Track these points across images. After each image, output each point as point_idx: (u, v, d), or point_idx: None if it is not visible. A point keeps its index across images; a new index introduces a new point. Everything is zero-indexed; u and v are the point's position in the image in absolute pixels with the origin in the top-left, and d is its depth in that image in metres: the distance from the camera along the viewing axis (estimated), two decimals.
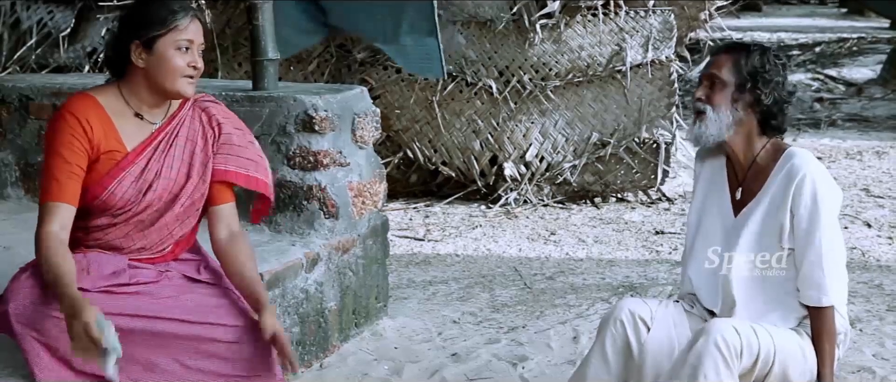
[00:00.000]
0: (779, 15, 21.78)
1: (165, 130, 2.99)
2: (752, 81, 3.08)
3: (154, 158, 2.96)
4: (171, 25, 2.89)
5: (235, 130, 3.09)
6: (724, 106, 3.09)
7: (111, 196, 2.92)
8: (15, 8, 7.77)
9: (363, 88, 4.44)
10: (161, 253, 3.03)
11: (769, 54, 3.12)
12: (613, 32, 6.97)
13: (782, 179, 3.04)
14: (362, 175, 4.31)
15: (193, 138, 3.02)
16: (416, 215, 6.90)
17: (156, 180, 2.96)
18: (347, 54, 7.21)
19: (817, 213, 3.00)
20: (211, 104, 3.09)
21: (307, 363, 4.04)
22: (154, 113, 3.00)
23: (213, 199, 3.04)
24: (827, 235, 3.02)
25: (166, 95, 2.97)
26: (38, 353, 2.81)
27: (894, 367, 3.94)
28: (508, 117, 6.95)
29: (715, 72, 3.12)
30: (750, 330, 2.95)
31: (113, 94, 2.97)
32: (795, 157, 3.07)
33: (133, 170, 2.93)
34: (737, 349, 2.90)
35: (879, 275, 5.15)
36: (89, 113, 2.90)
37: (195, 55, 2.93)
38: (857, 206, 6.81)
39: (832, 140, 9.24)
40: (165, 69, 2.90)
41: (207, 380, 2.90)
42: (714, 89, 3.11)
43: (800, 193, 3.01)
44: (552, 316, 4.64)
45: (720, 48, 3.22)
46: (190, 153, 3.01)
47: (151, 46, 2.90)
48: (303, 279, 3.98)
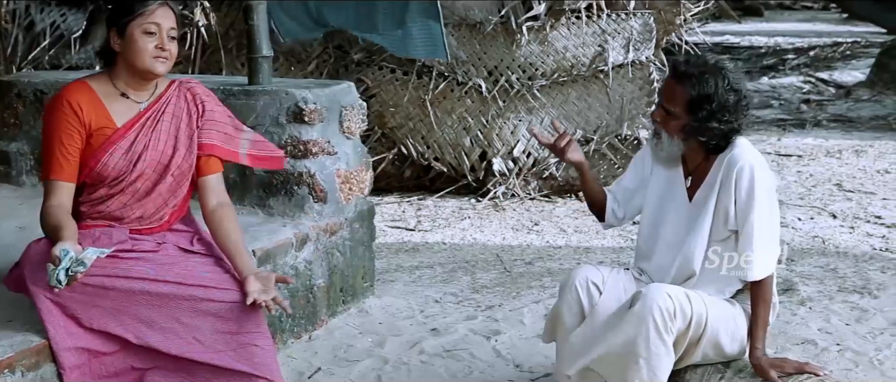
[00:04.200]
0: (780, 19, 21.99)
1: (152, 108, 3.36)
2: (702, 112, 3.28)
3: (142, 132, 3.32)
4: (139, 11, 3.24)
5: (217, 107, 3.46)
6: (675, 135, 3.37)
7: (104, 167, 3.28)
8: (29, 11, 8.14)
9: (351, 83, 4.80)
10: (159, 222, 3.39)
11: (720, 79, 3.28)
12: (596, 34, 7.29)
13: (725, 167, 3.35)
14: (349, 163, 4.66)
15: (179, 115, 3.39)
16: (409, 208, 7.24)
17: (144, 151, 3.32)
18: (345, 55, 7.54)
19: (753, 197, 3.31)
20: (195, 85, 3.46)
21: (297, 334, 4.40)
22: (139, 94, 3.36)
23: (200, 170, 3.41)
24: (759, 217, 3.31)
25: (141, 74, 3.32)
26: (50, 310, 3.18)
27: (835, 340, 4.27)
28: (497, 115, 7.26)
29: (667, 106, 3.35)
30: (683, 296, 3.28)
31: (103, 79, 3.35)
32: (736, 147, 3.37)
33: (122, 144, 3.30)
34: (671, 311, 3.23)
35: (835, 260, 5.48)
36: (80, 97, 3.27)
37: (163, 38, 3.27)
38: (826, 199, 7.14)
39: (815, 140, 9.53)
40: (135, 50, 3.26)
41: (202, 335, 3.24)
42: (669, 117, 3.36)
43: (740, 179, 3.31)
44: (527, 296, 4.98)
45: (675, 72, 3.37)
46: (176, 128, 3.37)
47: (123, 31, 3.27)
48: (292, 257, 4.34)
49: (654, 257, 3.56)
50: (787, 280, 4.99)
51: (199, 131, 3.40)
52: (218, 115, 3.46)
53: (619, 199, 3.67)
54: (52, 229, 3.12)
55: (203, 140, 3.40)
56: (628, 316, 3.28)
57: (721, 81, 3.29)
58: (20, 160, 5.06)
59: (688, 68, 3.33)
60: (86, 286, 3.14)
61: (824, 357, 4.08)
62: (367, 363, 4.21)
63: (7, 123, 5.10)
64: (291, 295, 4.32)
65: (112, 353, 3.24)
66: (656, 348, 3.23)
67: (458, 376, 4.10)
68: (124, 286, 3.18)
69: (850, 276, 5.12)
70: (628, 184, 3.67)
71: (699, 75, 3.29)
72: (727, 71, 3.31)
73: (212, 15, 7.55)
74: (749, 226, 3.32)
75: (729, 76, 3.30)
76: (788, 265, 5.31)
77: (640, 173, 3.64)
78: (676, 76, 3.35)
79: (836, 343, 4.23)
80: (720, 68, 3.31)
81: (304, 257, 4.41)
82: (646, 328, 3.23)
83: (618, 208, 3.67)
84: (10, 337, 3.19)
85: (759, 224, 3.33)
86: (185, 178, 3.40)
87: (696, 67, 3.31)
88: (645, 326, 3.23)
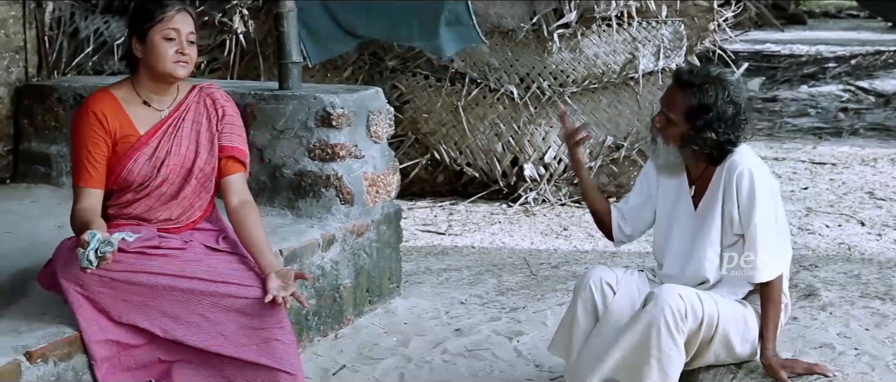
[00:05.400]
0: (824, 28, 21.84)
1: (173, 115, 3.50)
2: (700, 121, 3.36)
3: (164, 139, 3.46)
4: (159, 17, 3.38)
5: (235, 113, 3.59)
6: (672, 143, 3.46)
7: (129, 173, 3.43)
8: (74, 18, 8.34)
9: (378, 89, 4.91)
10: (186, 222, 3.53)
11: (721, 90, 3.35)
12: (627, 42, 7.37)
13: (726, 173, 3.43)
14: (376, 167, 4.78)
15: (199, 120, 3.52)
16: (441, 213, 7.35)
17: (168, 157, 3.45)
18: (380, 62, 7.66)
19: (754, 201, 3.37)
20: (215, 90, 3.60)
21: (323, 333, 4.52)
22: (161, 100, 3.50)
23: (222, 171, 3.54)
24: (762, 219, 3.37)
25: (162, 78, 3.45)
26: (81, 304, 3.32)
27: (853, 344, 4.29)
28: (528, 121, 7.35)
29: (668, 112, 3.43)
30: (694, 296, 3.36)
31: (126, 87, 3.49)
32: (735, 154, 3.44)
33: (146, 150, 3.44)
34: (682, 312, 3.31)
35: (859, 267, 5.50)
36: (104, 106, 3.42)
37: (183, 42, 3.41)
38: (856, 206, 7.13)
39: (851, 148, 9.49)
40: (156, 55, 3.39)
41: (227, 330, 3.37)
42: (668, 124, 3.44)
43: (740, 185, 3.39)
44: (551, 299, 5.07)
45: (678, 80, 3.45)
46: (196, 133, 3.51)
47: (144, 38, 3.40)
48: (319, 256, 4.46)
49: (665, 266, 3.64)
50: (809, 286, 5.03)
51: (219, 135, 3.53)
52: (237, 119, 3.59)
53: (626, 216, 3.74)
54: (81, 227, 3.26)
55: (224, 142, 3.53)
56: (641, 315, 3.36)
57: (721, 92, 3.36)
58: (60, 162, 5.23)
59: (690, 77, 3.40)
60: (114, 281, 3.29)
61: (841, 361, 4.10)
62: (391, 361, 4.32)
63: (48, 126, 5.28)
64: (318, 294, 4.44)
65: (140, 346, 3.38)
66: (668, 348, 3.30)
67: (478, 375, 4.20)
68: (151, 282, 3.32)
69: (873, 282, 5.14)
70: (635, 200, 3.74)
71: (700, 85, 3.37)
72: (729, 83, 3.38)
73: (250, 22, 7.71)
74: (752, 229, 3.38)
75: (730, 89, 3.38)
76: (812, 271, 5.34)
77: (646, 188, 3.71)
78: (679, 84, 3.42)
79: (853, 348, 4.26)
80: (722, 80, 3.38)
81: (330, 257, 4.53)
82: (657, 329, 3.31)
83: (624, 224, 3.74)
84: (44, 329, 3.34)
85: (763, 226, 3.38)
86: (209, 180, 3.54)
87: (699, 77, 3.39)
88: (656, 326, 3.31)
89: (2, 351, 3.19)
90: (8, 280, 3.77)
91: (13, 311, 3.52)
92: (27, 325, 3.38)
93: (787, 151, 9.34)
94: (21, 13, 5.40)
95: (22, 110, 5.38)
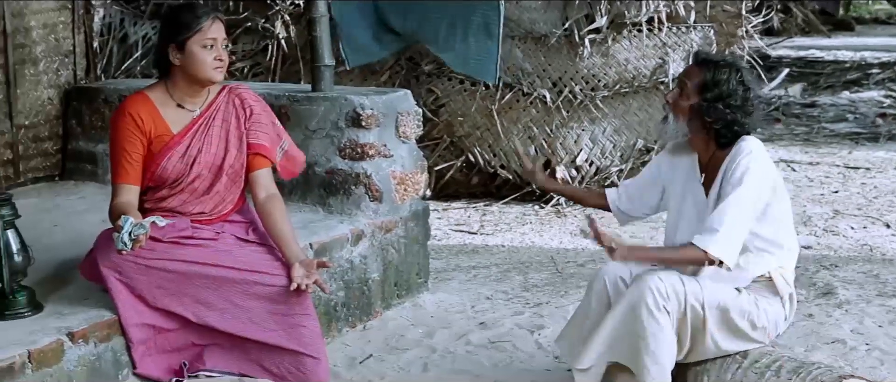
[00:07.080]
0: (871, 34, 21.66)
1: (204, 116, 3.73)
2: (711, 93, 3.50)
3: (196, 138, 3.69)
4: (197, 28, 3.60)
5: (264, 112, 3.80)
6: (682, 117, 3.59)
7: (163, 171, 3.66)
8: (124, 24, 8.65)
9: (407, 91, 5.09)
10: (218, 215, 3.75)
11: (734, 72, 3.51)
12: (657, 47, 7.49)
13: (730, 158, 3.55)
14: (405, 166, 4.96)
15: (228, 119, 3.74)
16: (475, 213, 7.52)
17: (199, 155, 3.68)
18: (416, 66, 7.85)
19: (741, 181, 3.45)
20: (244, 91, 3.82)
21: (352, 324, 4.71)
22: (193, 102, 3.72)
23: (250, 166, 3.76)
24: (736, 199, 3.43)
25: (201, 83, 3.68)
26: (119, 290, 3.56)
27: (865, 340, 4.40)
28: (561, 125, 7.50)
29: (685, 79, 3.59)
30: (675, 278, 3.49)
31: (160, 89, 3.72)
32: (744, 142, 3.56)
33: (179, 149, 3.67)
34: (663, 291, 3.45)
35: (879, 267, 5.58)
36: (140, 108, 3.65)
37: (219, 49, 3.64)
38: (884, 209, 7.20)
39: (887, 153, 9.49)
40: (196, 63, 3.62)
41: (255, 316, 3.59)
42: (681, 97, 3.58)
43: (737, 165, 3.49)
44: (575, 295, 5.21)
45: (697, 58, 3.63)
46: (226, 131, 3.73)
47: (183, 47, 3.62)
48: (348, 251, 4.66)
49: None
50: (827, 284, 5.13)
51: (247, 133, 3.75)
52: (264, 118, 3.81)
53: (629, 191, 3.94)
54: (117, 217, 3.48)
55: (251, 140, 3.75)
56: (625, 295, 3.54)
57: (735, 73, 3.53)
58: (106, 160, 5.44)
59: (708, 57, 3.62)
60: (150, 268, 3.52)
61: (851, 356, 4.22)
62: (416, 351, 4.50)
63: (94, 127, 5.54)
64: (346, 287, 4.64)
65: (174, 330, 3.61)
66: (651, 326, 3.45)
67: (499, 365, 4.36)
68: (184, 270, 3.54)
69: (891, 282, 5.22)
70: (640, 180, 3.92)
71: (716, 63, 3.56)
72: (744, 70, 3.56)
73: (291, 28, 7.95)
74: (725, 203, 3.44)
75: (743, 73, 3.55)
76: (831, 271, 5.44)
77: (653, 171, 3.87)
78: (697, 62, 3.61)
79: (865, 343, 4.36)
80: (736, 64, 3.56)
81: (359, 251, 4.72)
82: (640, 307, 3.47)
83: (620, 198, 3.94)
84: (85, 312, 3.58)
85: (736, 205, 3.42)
86: (238, 176, 3.76)
87: (716, 58, 3.60)
88: (639, 305, 3.47)
89: (47, 332, 3.44)
90: (54, 270, 4.02)
91: (57, 297, 3.77)
92: (70, 309, 3.63)
93: (821, 155, 9.38)
94: (70, 18, 5.63)
95: (70, 111, 5.65)
